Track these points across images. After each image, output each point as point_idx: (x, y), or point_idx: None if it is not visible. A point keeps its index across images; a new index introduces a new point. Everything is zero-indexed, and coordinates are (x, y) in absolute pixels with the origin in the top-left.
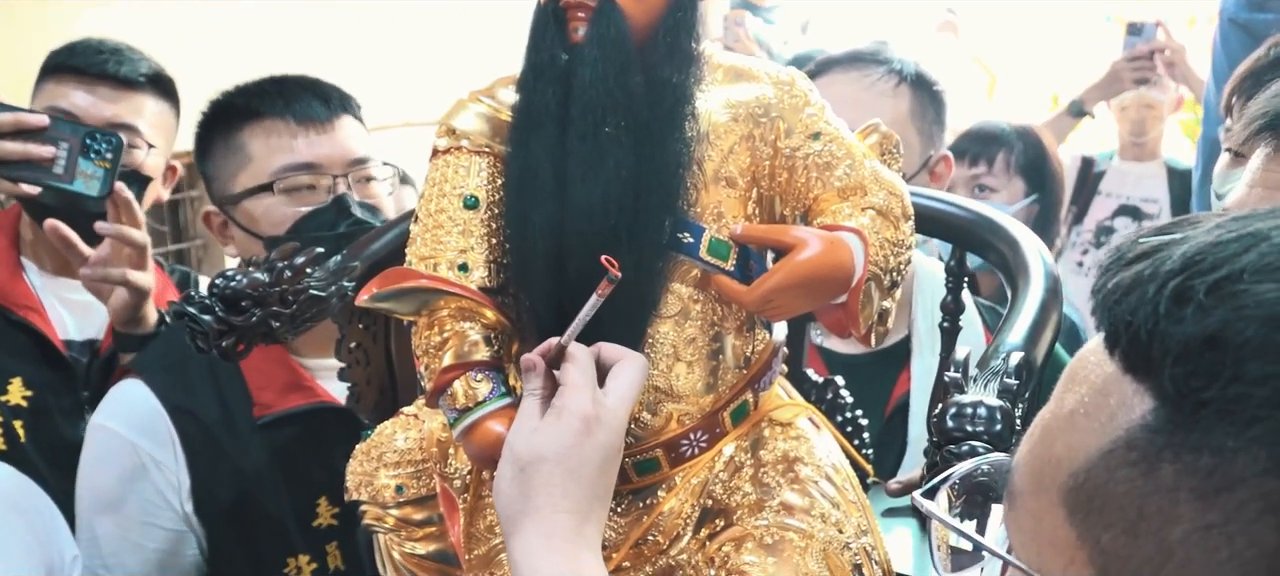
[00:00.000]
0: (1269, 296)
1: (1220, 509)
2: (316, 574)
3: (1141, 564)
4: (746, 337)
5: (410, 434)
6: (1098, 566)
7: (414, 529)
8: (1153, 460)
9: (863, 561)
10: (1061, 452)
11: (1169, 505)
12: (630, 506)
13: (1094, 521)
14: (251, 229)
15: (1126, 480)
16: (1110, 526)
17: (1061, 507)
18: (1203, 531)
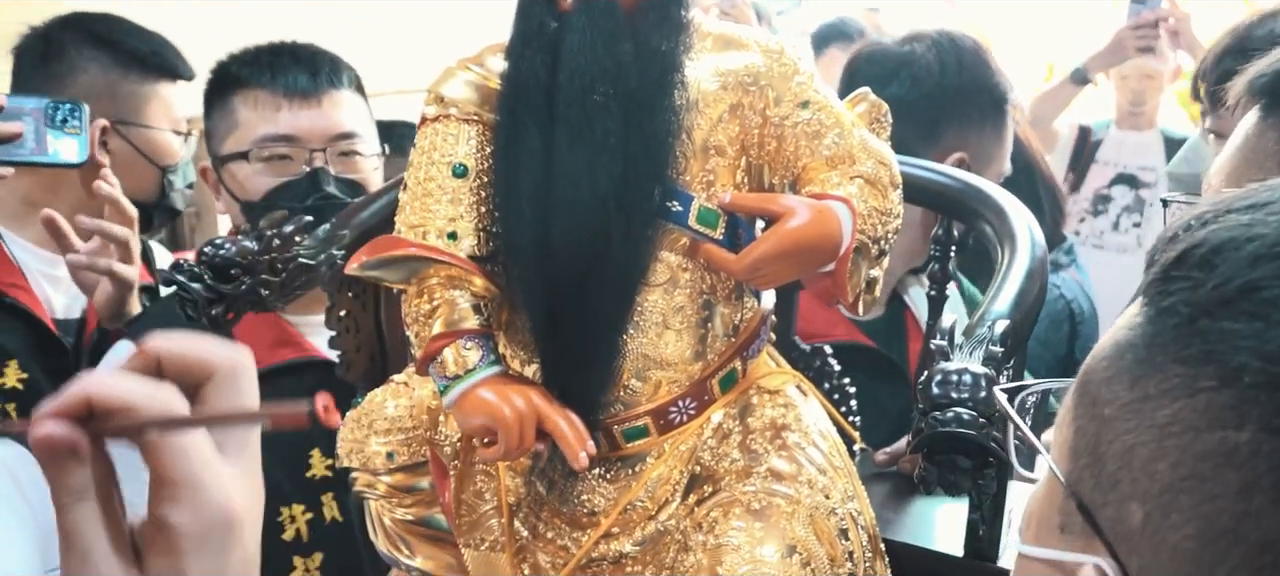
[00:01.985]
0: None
1: (1140, 388)
2: (312, 524)
3: (1090, 437)
4: (735, 306)
5: (400, 401)
6: (1071, 441)
7: (405, 495)
8: (1121, 353)
9: (849, 526)
10: (1089, 356)
11: (1116, 385)
12: (619, 473)
13: (1080, 403)
14: (233, 192)
15: (1103, 369)
16: (1089, 407)
17: (1075, 394)
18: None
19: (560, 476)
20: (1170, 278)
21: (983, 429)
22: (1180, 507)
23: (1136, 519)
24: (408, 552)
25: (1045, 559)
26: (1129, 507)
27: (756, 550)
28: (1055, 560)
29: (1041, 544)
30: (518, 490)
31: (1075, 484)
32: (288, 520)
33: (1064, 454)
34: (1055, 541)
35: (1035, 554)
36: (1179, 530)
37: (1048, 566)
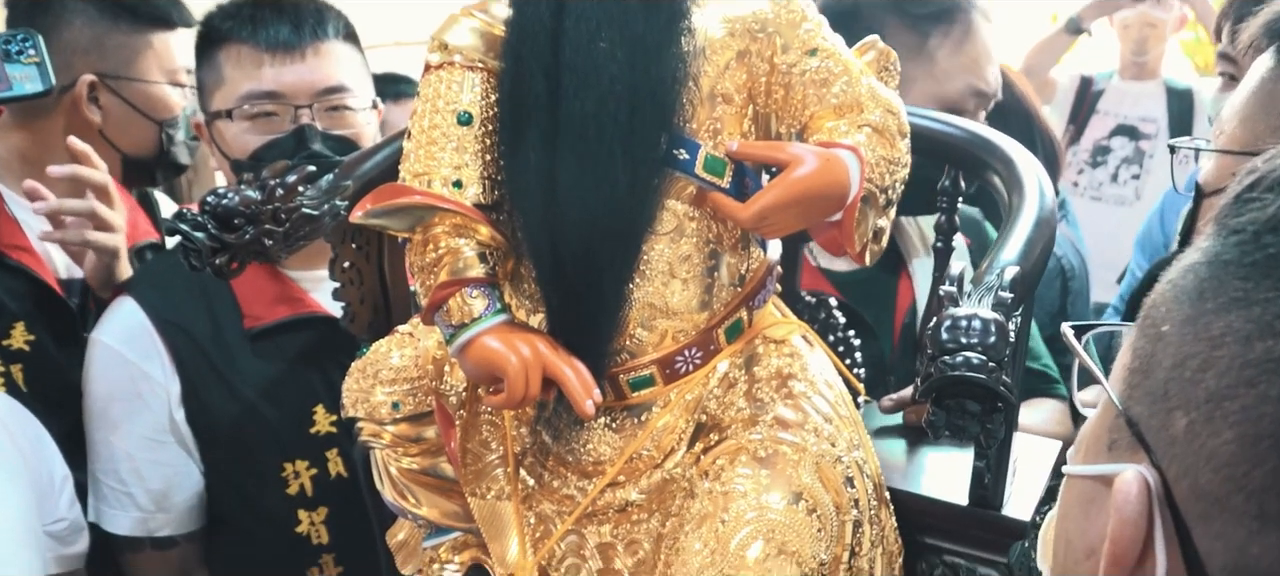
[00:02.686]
0: None
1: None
2: (316, 480)
3: (1148, 355)
4: (741, 255)
5: (405, 351)
6: (1127, 361)
7: (410, 445)
8: (1185, 274)
9: (855, 475)
10: None
11: (1175, 304)
12: (624, 422)
13: (1145, 325)
14: (223, 151)
15: (1166, 293)
16: (1148, 331)
17: (1140, 322)
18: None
19: (566, 425)
20: (1242, 200)
21: (992, 373)
22: (1224, 414)
23: (1180, 426)
24: (413, 502)
25: (1090, 475)
26: (1173, 416)
27: (762, 497)
28: (1099, 475)
29: (1089, 463)
30: (523, 439)
31: (1126, 401)
32: (291, 476)
33: (1119, 377)
34: (1102, 458)
35: (1081, 471)
36: (1220, 436)
37: (1092, 482)
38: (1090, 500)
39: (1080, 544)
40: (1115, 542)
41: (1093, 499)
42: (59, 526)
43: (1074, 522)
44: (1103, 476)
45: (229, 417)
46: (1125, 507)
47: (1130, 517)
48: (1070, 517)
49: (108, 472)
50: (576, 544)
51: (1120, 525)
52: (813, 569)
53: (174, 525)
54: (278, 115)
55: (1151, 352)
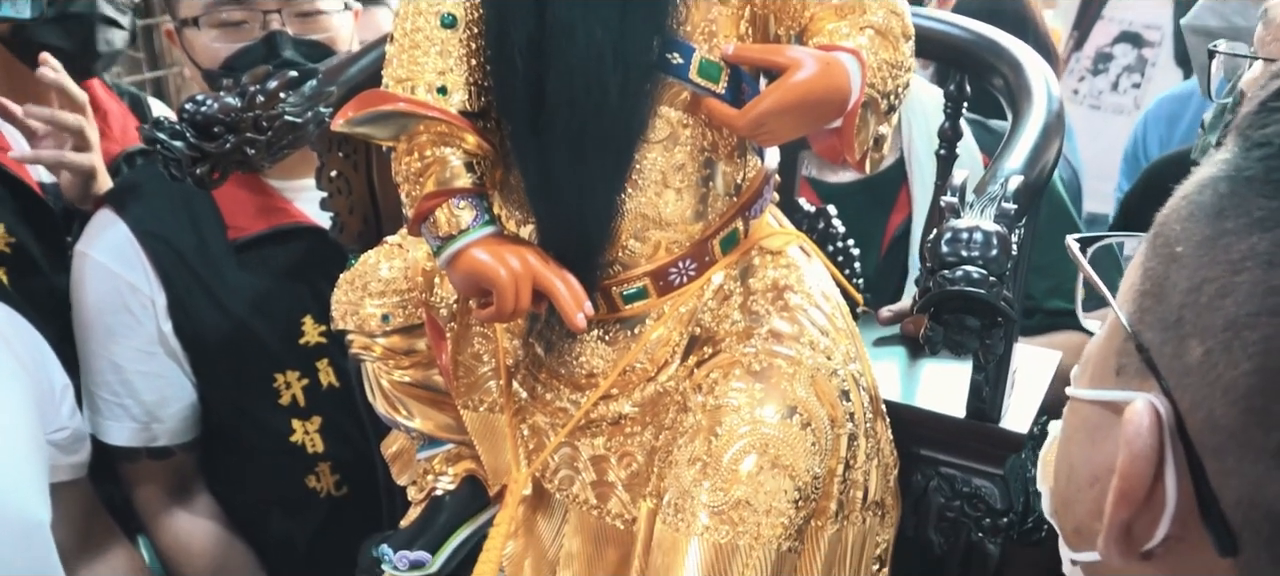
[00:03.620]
0: None
1: (1219, 224)
2: (308, 390)
3: (1159, 277)
4: (737, 164)
5: (395, 263)
6: (1137, 281)
7: (402, 358)
8: (1201, 190)
9: (850, 387)
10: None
11: (1192, 222)
12: (618, 335)
13: (1157, 244)
14: (194, 59)
15: (1181, 209)
16: (1163, 249)
17: (1151, 239)
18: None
19: (558, 338)
20: (1267, 110)
21: (992, 288)
22: (1243, 343)
23: (1195, 355)
24: (406, 414)
25: (1097, 400)
26: (1188, 344)
27: (756, 411)
28: (1107, 400)
29: (1095, 386)
30: (516, 352)
31: (1136, 325)
32: (283, 386)
33: (1129, 298)
34: (1109, 383)
35: (1087, 396)
36: (1238, 366)
37: (1099, 408)
38: (1096, 427)
39: (1084, 471)
40: (1125, 477)
41: (1098, 425)
42: (61, 435)
43: (1078, 448)
44: (1110, 402)
45: (217, 330)
46: (1136, 440)
47: (1141, 451)
48: (1074, 442)
49: (101, 385)
50: (570, 456)
51: (1131, 459)
52: (806, 482)
53: (169, 436)
54: (246, 22)
55: (1164, 274)
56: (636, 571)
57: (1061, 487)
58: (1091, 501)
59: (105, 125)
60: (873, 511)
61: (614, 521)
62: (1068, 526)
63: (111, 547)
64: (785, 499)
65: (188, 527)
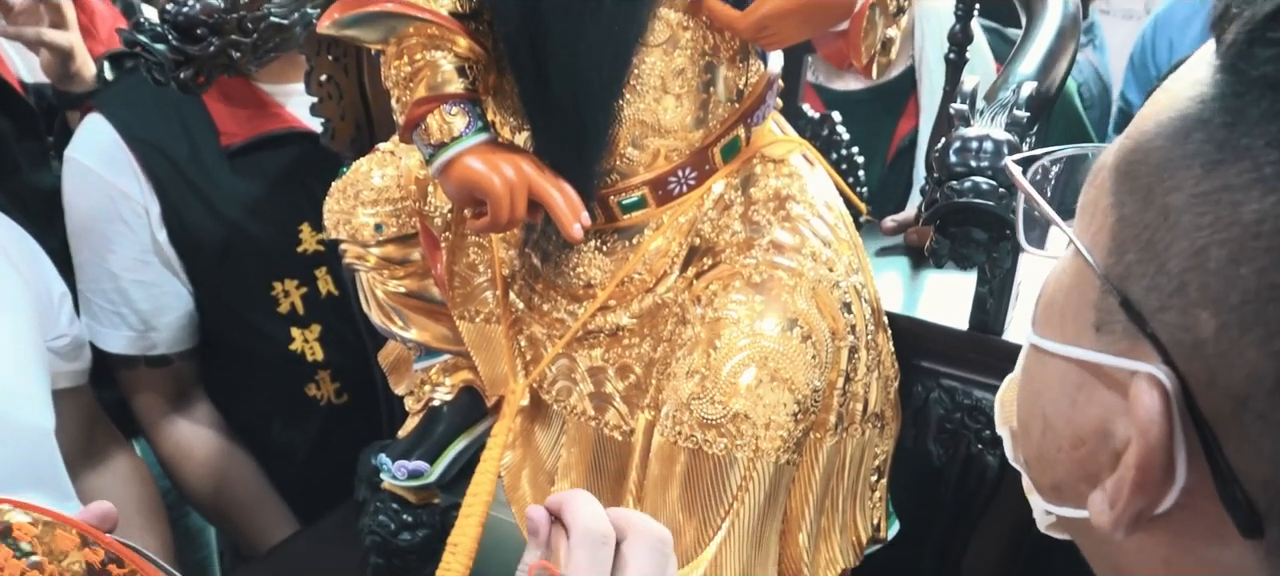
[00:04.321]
0: None
1: (1218, 177)
2: (307, 298)
3: (1142, 228)
4: (739, 68)
5: (387, 171)
6: (1112, 229)
7: (396, 267)
8: (1188, 132)
9: (852, 300)
10: (1134, 127)
11: (1182, 171)
12: (615, 245)
13: (1125, 186)
14: None
15: (1161, 149)
16: (1136, 192)
17: (1113, 173)
18: (1197, 198)
19: (555, 248)
20: (1263, 41)
21: (1002, 200)
22: (1266, 319)
23: (1207, 329)
24: (402, 324)
25: (1077, 359)
26: (1196, 315)
27: (756, 323)
28: (1091, 363)
29: (1070, 342)
30: (512, 262)
31: (1121, 281)
32: (281, 294)
33: (1102, 244)
34: (1088, 341)
35: (1062, 352)
36: (1262, 344)
37: (1079, 367)
38: (1077, 386)
39: (1066, 432)
40: (1142, 469)
41: (1079, 385)
42: (60, 343)
43: (1055, 406)
44: (1097, 366)
45: (212, 237)
46: (1151, 429)
47: (1157, 439)
48: (1047, 398)
49: (96, 292)
50: (567, 367)
51: (1147, 450)
52: (806, 395)
53: (167, 344)
54: None
55: (1153, 227)
56: (634, 483)
57: (1035, 441)
58: (1075, 464)
59: (92, 25)
60: (872, 423)
61: (612, 432)
62: (1044, 480)
63: (115, 454)
64: (784, 412)
65: (188, 435)
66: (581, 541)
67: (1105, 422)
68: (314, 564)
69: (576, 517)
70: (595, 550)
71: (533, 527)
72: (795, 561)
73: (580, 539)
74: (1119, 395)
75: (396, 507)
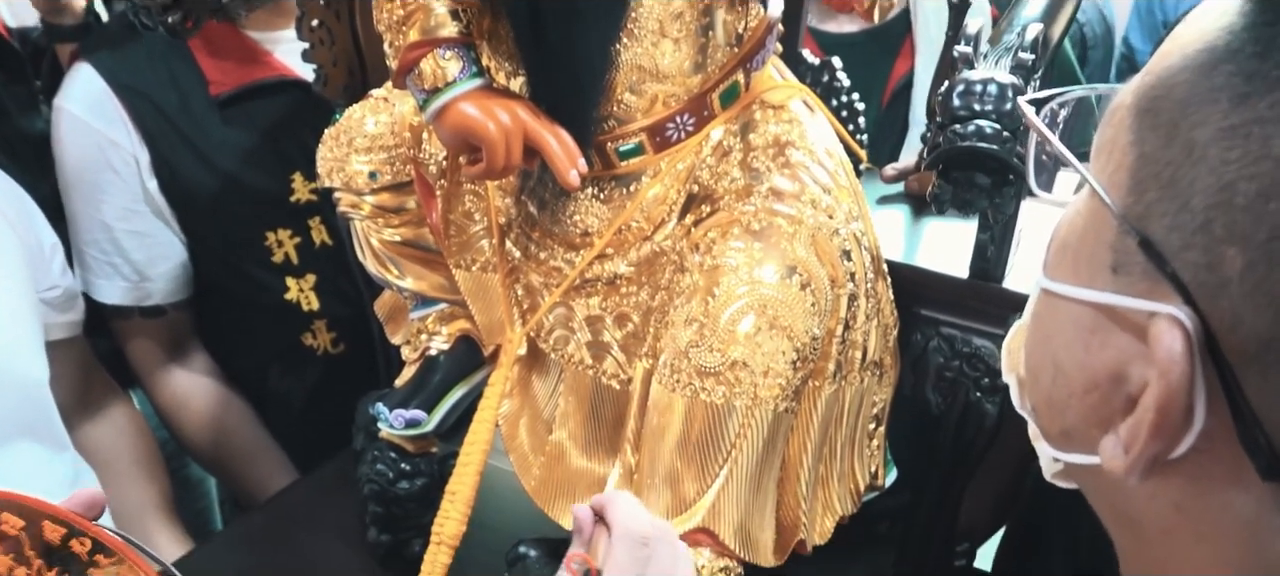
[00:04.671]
0: None
1: (1248, 110)
2: (300, 248)
3: (1164, 166)
4: (738, 12)
5: (381, 117)
6: (1131, 168)
7: (391, 216)
8: (1215, 64)
9: (852, 247)
10: (1155, 63)
11: (1209, 105)
12: (612, 192)
13: (1146, 123)
14: None
15: (1186, 83)
16: (1157, 128)
17: (1131, 111)
18: (1225, 132)
19: (551, 196)
20: None
21: (1006, 144)
22: None
23: (1233, 267)
24: (397, 273)
25: (1092, 301)
26: (1222, 253)
27: (755, 271)
28: (1107, 305)
29: (1085, 284)
30: (508, 210)
31: (1140, 221)
32: (275, 244)
33: (1120, 184)
34: (1104, 282)
35: (1076, 294)
36: None
37: (1093, 310)
38: (1090, 329)
39: (1078, 376)
40: (1162, 411)
41: (1093, 328)
42: (53, 293)
43: (1066, 350)
44: (1112, 309)
45: (204, 188)
46: (1172, 370)
47: (1178, 382)
48: (1058, 342)
49: (89, 243)
50: (565, 316)
51: (1168, 393)
52: (805, 344)
53: (161, 295)
54: None
55: (1176, 164)
56: (632, 432)
57: (1044, 387)
58: (1088, 409)
59: None
60: (871, 371)
61: (610, 381)
62: (1053, 427)
63: (111, 405)
64: (783, 360)
65: (185, 385)
66: (621, 539)
67: (1120, 366)
68: (313, 512)
69: (618, 517)
70: (634, 549)
71: (578, 525)
72: (793, 509)
73: (620, 537)
74: (1135, 338)
75: (394, 456)
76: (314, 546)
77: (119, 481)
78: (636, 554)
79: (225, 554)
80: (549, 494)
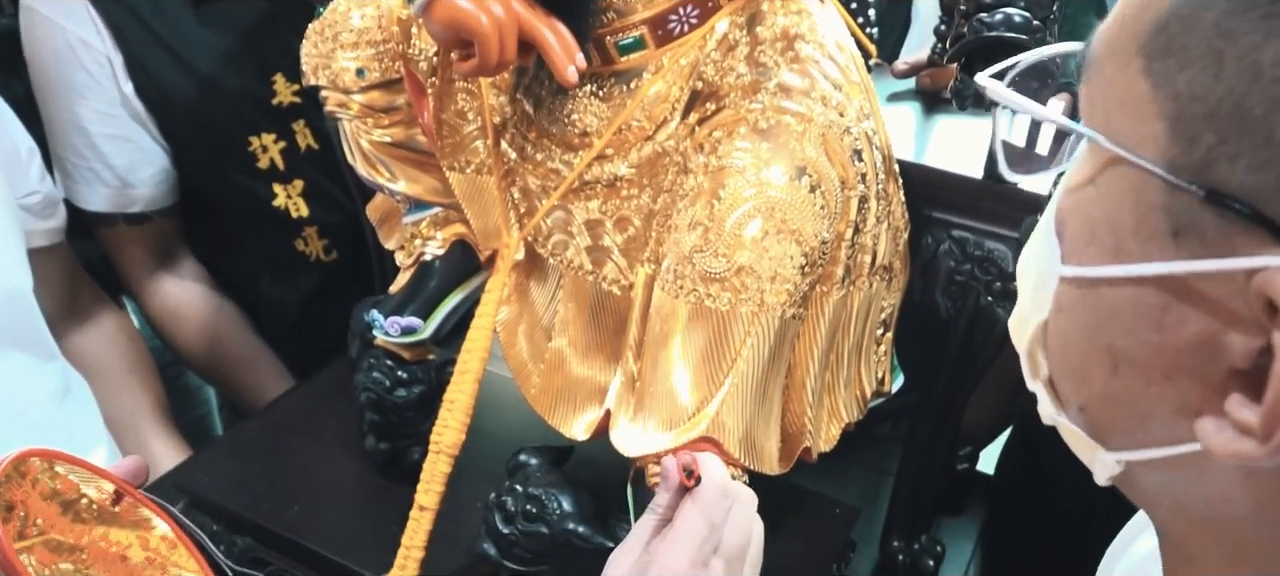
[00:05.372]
0: None
1: None
2: (286, 153)
3: (1220, 101)
4: None
5: (367, 11)
6: (1170, 117)
7: (381, 115)
8: None
9: (863, 147)
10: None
11: (1262, 22)
12: (612, 90)
13: (1172, 65)
14: None
15: (1216, 5)
16: (1190, 65)
17: (1137, 58)
18: None
19: (548, 94)
20: None
21: (1036, 33)
22: None
23: None
24: (389, 176)
25: (1155, 276)
26: None
27: (762, 172)
28: (1179, 275)
29: (1135, 260)
30: (503, 109)
31: (1200, 173)
32: (259, 150)
33: (1155, 137)
34: (1168, 252)
35: (1130, 273)
36: None
37: (1156, 287)
38: (1162, 308)
39: (1156, 362)
40: None
41: (1166, 306)
42: (32, 199)
43: (1133, 337)
44: (1180, 276)
45: (182, 91)
46: None
47: None
48: (1115, 329)
49: (68, 148)
50: (563, 220)
51: None
52: (814, 248)
53: (145, 202)
54: None
55: (1240, 94)
56: (634, 338)
57: (1099, 383)
58: (1174, 394)
59: None
60: (880, 276)
61: (610, 287)
62: (1117, 423)
63: (100, 313)
64: (791, 265)
65: (175, 293)
66: (709, 487)
67: (1210, 338)
68: (311, 419)
69: (708, 470)
70: (718, 499)
71: (665, 474)
72: (798, 416)
73: (708, 485)
74: (1226, 303)
75: (390, 364)
76: (313, 453)
77: (111, 390)
78: (719, 502)
79: (223, 461)
80: (549, 401)
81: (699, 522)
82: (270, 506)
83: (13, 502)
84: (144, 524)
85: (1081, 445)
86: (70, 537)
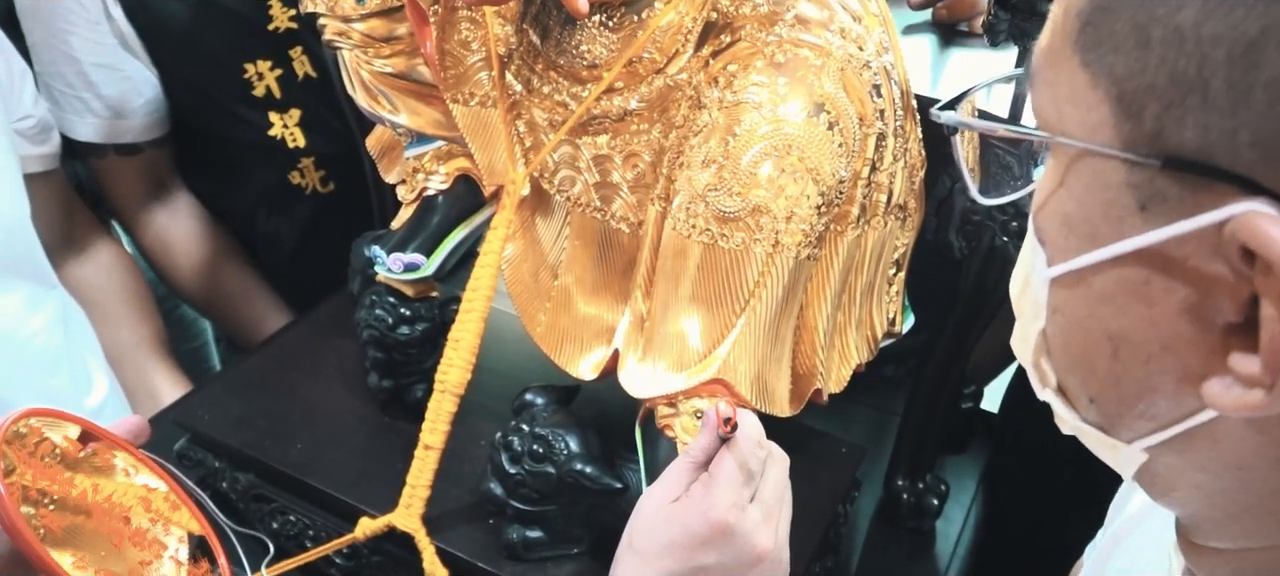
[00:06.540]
0: None
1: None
2: (283, 80)
3: (1154, 72)
4: None
5: None
6: (1114, 99)
7: (382, 45)
8: None
9: (882, 82)
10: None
11: None
12: (623, 20)
13: (1104, 50)
14: None
15: None
16: (1120, 47)
17: (1073, 55)
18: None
19: (556, 24)
20: None
21: None
22: None
23: None
24: (390, 108)
25: (1133, 251)
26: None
27: (779, 109)
28: (1155, 245)
29: (1112, 242)
30: (508, 39)
31: (1153, 144)
32: (255, 77)
33: (1102, 123)
34: (1138, 227)
35: (1107, 255)
36: None
37: (1136, 262)
38: (1144, 281)
39: (1151, 334)
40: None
41: (1147, 279)
42: (26, 124)
43: (1125, 316)
44: (1154, 248)
45: (173, 17)
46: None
47: None
48: (1106, 314)
49: (56, 76)
50: (571, 155)
51: None
52: (830, 187)
53: (136, 133)
54: None
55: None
56: (643, 278)
57: (1103, 370)
58: (1172, 366)
59: None
60: (895, 215)
61: (618, 225)
62: (1129, 407)
63: (96, 243)
64: (807, 205)
65: (169, 226)
66: (746, 438)
67: (1198, 299)
68: (312, 355)
69: (746, 422)
70: (754, 450)
71: (706, 422)
72: (809, 356)
73: (745, 437)
74: (1206, 262)
75: (393, 301)
76: (314, 390)
77: (110, 321)
78: (755, 453)
79: (224, 397)
80: (555, 340)
81: (737, 472)
82: (273, 443)
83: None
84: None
85: (1102, 446)
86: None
